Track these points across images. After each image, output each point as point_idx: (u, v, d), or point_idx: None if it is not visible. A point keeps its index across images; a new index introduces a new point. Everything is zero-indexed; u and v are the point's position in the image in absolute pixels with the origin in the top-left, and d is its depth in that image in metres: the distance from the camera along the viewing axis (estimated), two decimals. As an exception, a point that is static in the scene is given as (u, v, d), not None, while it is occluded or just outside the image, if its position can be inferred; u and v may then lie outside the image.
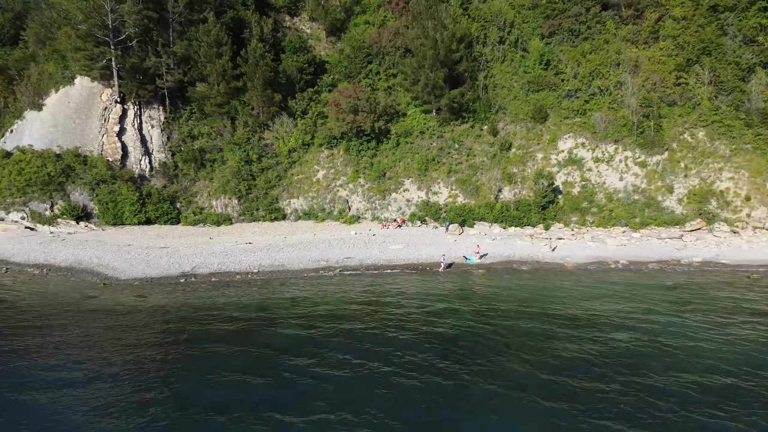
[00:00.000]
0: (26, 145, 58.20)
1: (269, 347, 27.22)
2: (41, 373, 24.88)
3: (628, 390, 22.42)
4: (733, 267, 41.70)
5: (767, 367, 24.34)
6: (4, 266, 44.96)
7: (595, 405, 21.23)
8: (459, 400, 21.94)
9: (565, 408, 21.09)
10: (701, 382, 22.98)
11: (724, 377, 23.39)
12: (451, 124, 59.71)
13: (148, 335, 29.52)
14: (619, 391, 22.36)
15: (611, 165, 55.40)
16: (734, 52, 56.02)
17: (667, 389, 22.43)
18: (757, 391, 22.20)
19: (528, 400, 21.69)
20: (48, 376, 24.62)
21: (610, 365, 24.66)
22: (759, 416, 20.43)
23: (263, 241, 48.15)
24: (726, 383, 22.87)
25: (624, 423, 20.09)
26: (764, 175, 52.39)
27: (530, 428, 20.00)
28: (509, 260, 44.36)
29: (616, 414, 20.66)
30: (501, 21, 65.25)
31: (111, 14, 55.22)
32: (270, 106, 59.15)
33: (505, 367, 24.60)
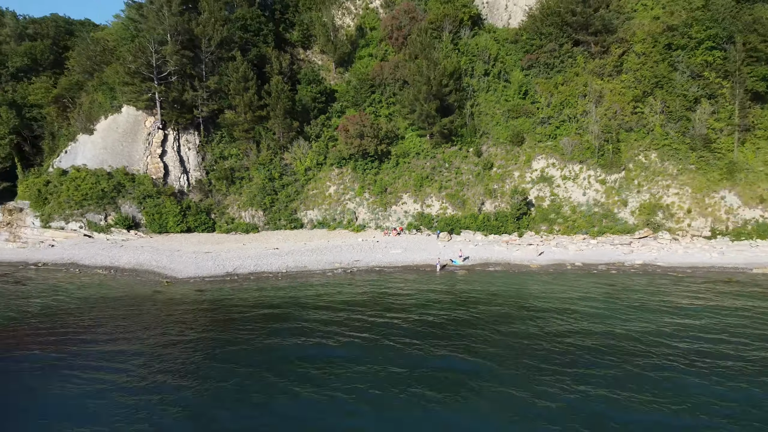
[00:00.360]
0: (80, 164, 68.67)
1: (304, 324, 37.63)
2: (142, 342, 35.23)
3: (554, 347, 32.65)
4: (665, 268, 52.19)
5: (649, 335, 34.51)
6: (76, 268, 55.44)
7: (533, 356, 31.43)
8: (437, 356, 32.23)
9: (514, 360, 31.35)
10: (603, 342, 33.19)
11: (619, 341, 33.60)
12: (442, 147, 70.24)
13: (213, 317, 39.97)
14: (548, 349, 32.61)
15: (576, 182, 65.93)
16: (682, 86, 66.55)
17: (583, 346, 32.60)
18: (631, 349, 32.32)
19: (488, 357, 31.94)
20: (146, 343, 34.96)
21: (545, 333, 34.96)
22: (623, 361, 30.50)
23: (287, 247, 58.62)
24: (619, 344, 33.02)
25: (548, 362, 30.30)
26: (704, 191, 62.95)
27: (492, 371, 30.17)
28: (486, 262, 54.87)
29: (546, 359, 30.80)
30: (486, 55, 75.83)
31: (155, 55, 65.64)
32: (289, 131, 69.67)
33: (471, 334, 34.92)
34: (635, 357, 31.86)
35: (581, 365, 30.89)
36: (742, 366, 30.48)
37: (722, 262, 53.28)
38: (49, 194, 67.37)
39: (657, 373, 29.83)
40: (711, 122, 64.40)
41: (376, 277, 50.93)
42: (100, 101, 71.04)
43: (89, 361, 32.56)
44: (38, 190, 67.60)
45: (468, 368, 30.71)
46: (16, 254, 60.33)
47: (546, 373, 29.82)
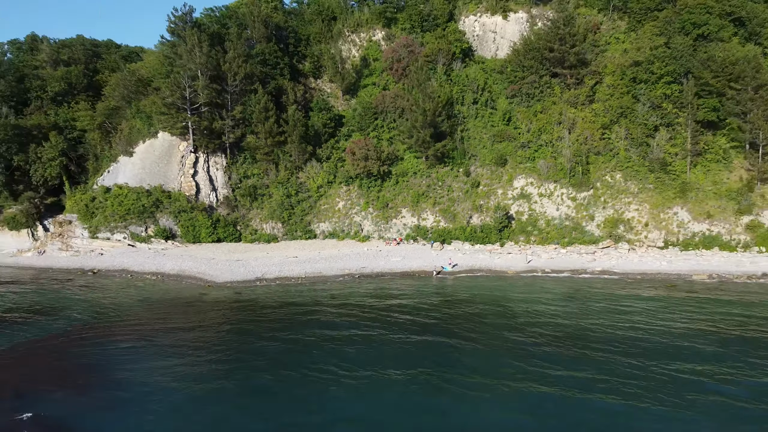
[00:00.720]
0: (122, 182, 79.33)
1: (325, 318, 48.20)
2: (203, 331, 45.78)
3: (519, 335, 43.11)
4: (620, 274, 62.77)
5: (591, 325, 44.92)
6: (128, 274, 66.11)
7: (504, 341, 41.85)
8: (431, 346, 42.71)
9: (491, 346, 41.84)
10: (557, 330, 43.56)
11: (569, 329, 43.95)
12: (436, 167, 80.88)
13: (252, 314, 50.55)
14: (513, 338, 43.10)
15: (551, 199, 76.60)
16: (644, 115, 77.20)
17: (541, 333, 42.92)
18: (577, 334, 42.66)
19: (466, 339, 42.42)
20: (205, 333, 45.47)
21: (512, 325, 45.43)
22: (570, 344, 40.82)
23: (304, 256, 69.27)
24: (568, 332, 43.36)
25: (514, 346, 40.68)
26: (660, 207, 73.58)
27: (469, 350, 40.51)
28: (472, 269, 65.50)
29: (512, 343, 41.16)
30: (475, 86, 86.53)
31: (188, 89, 76.28)
32: (303, 154, 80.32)
33: (457, 326, 45.45)
34: (579, 340, 42.38)
35: (538, 346, 41.41)
36: (654, 347, 40.95)
37: (669, 270, 63.86)
38: (95, 209, 77.98)
39: (592, 352, 40.31)
40: (667, 148, 75.06)
41: (379, 282, 61.57)
42: (138, 127, 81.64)
43: (164, 346, 43.16)
44: (86, 205, 78.20)
45: (450, 346, 41.33)
46: (71, 262, 71.02)
47: (512, 353, 40.37)
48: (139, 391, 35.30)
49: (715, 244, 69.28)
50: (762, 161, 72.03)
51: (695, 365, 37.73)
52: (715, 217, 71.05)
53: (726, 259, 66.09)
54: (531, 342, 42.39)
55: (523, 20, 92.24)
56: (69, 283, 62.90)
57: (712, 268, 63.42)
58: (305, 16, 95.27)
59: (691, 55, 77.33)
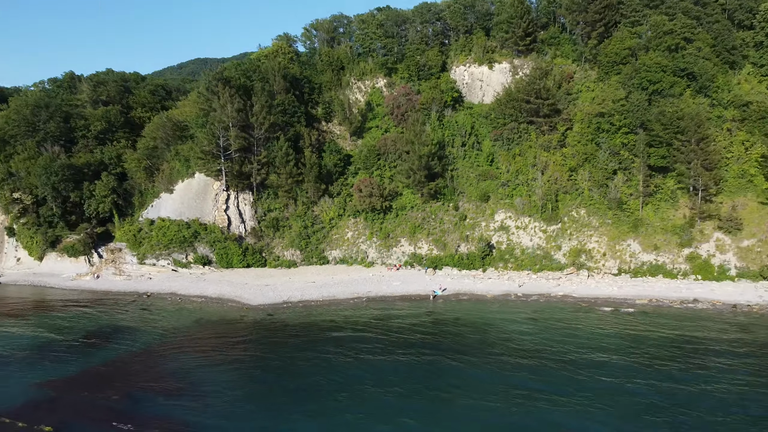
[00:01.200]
0: (164, 216, 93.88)
1: (344, 334, 62.82)
2: (251, 346, 60.28)
3: (492, 348, 57.65)
4: (576, 299, 77.46)
5: (545, 339, 59.43)
6: (177, 297, 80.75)
7: (479, 352, 56.37)
8: (423, 358, 57.25)
9: (467, 353, 56.36)
10: (519, 344, 58.05)
11: (529, 344, 58.43)
12: (430, 203, 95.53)
13: (283, 333, 65.16)
14: (488, 350, 57.67)
15: (526, 231, 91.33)
16: (604, 161, 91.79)
17: (507, 346, 57.41)
18: (535, 348, 57.17)
19: (454, 357, 56.96)
20: (252, 348, 59.97)
21: (487, 341, 59.97)
22: (528, 354, 55.40)
23: (320, 281, 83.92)
24: (528, 346, 57.87)
25: (487, 355, 55.21)
26: (616, 240, 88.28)
27: (452, 356, 55.03)
28: (458, 293, 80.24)
29: (486, 353, 55.69)
30: (463, 131, 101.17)
31: (222, 138, 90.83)
32: (317, 191, 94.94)
33: (443, 343, 60.03)
34: (538, 352, 57.02)
35: (506, 355, 56.11)
36: (586, 359, 55.57)
37: (618, 294, 78.59)
38: (142, 238, 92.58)
39: (543, 362, 54.95)
40: (623, 189, 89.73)
41: (383, 304, 76.32)
42: (178, 168, 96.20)
43: (221, 358, 57.81)
44: (134, 235, 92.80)
45: (437, 357, 56.11)
46: (126, 285, 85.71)
47: (487, 360, 55.06)
48: (213, 392, 50.02)
49: (659, 272, 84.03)
50: (701, 202, 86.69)
51: (611, 370, 52.49)
52: (661, 248, 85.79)
53: (667, 285, 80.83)
54: (497, 352, 57.16)
55: (506, 70, 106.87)
56: (133, 305, 77.58)
57: (653, 294, 78.19)
58: (317, 66, 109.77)
59: (646, 110, 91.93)
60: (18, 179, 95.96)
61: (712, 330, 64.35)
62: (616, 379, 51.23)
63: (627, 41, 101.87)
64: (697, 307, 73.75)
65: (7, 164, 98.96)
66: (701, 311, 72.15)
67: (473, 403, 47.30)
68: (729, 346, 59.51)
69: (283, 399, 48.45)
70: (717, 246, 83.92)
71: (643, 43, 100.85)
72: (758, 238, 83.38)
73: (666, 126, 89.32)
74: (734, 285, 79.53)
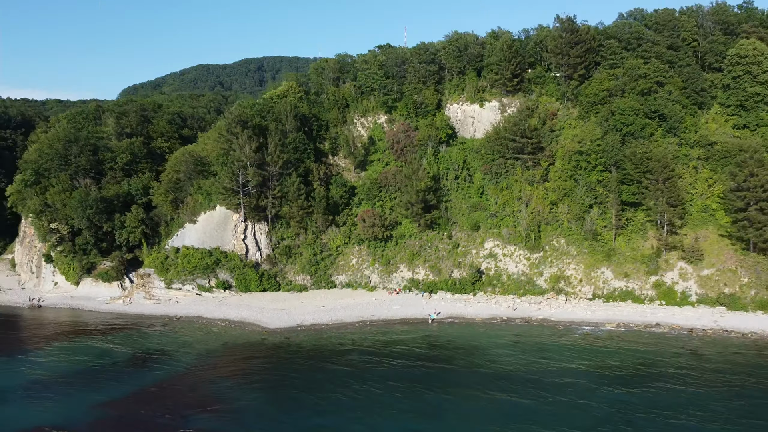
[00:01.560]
0: (189, 244, 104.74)
1: (348, 358, 73.72)
2: (269, 372, 71.14)
3: (480, 366, 68.53)
4: (554, 322, 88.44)
5: (524, 360, 70.32)
6: (203, 320, 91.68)
7: (468, 370, 67.24)
8: (419, 376, 68.14)
9: (456, 382, 67.24)
10: (504, 365, 68.95)
11: (511, 365, 69.35)
12: (426, 232, 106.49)
13: (299, 355, 76.05)
14: (476, 371, 68.57)
15: (511, 258, 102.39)
16: (581, 196, 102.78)
17: (493, 365, 68.28)
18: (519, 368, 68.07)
19: (447, 375, 67.83)
20: (275, 368, 70.86)
21: (475, 360, 70.86)
22: (510, 371, 66.17)
23: (329, 305, 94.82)
24: (512, 366, 68.75)
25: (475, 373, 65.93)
26: (591, 267, 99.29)
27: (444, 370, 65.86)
28: (451, 316, 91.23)
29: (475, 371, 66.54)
30: (456, 165, 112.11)
31: (241, 175, 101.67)
32: (326, 222, 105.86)
33: (436, 363, 70.96)
34: (515, 372, 67.97)
35: (489, 376, 67.03)
36: (556, 379, 66.54)
37: (591, 318, 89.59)
38: (169, 265, 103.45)
39: (517, 383, 65.86)
40: (598, 221, 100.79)
41: (385, 327, 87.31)
42: (200, 201, 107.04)
43: (250, 379, 68.71)
44: (161, 261, 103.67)
45: (432, 375, 67.14)
46: (157, 309, 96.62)
47: (473, 380, 65.99)
48: (248, 408, 61.07)
49: (629, 298, 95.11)
50: (667, 235, 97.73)
51: (572, 390, 63.48)
52: (631, 276, 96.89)
53: (634, 310, 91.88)
54: (483, 372, 68.23)
55: (496, 108, 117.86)
56: (166, 328, 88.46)
57: (622, 318, 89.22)
58: (324, 104, 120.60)
59: (619, 150, 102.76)
60: (54, 210, 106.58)
61: (667, 355, 75.33)
62: (576, 399, 62.21)
63: (605, 83, 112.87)
64: (658, 331, 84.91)
65: (43, 196, 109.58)
66: (661, 335, 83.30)
67: (460, 415, 58.41)
68: (678, 370, 70.39)
69: (309, 412, 59.40)
70: (680, 274, 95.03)
71: (619, 85, 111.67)
72: (717, 267, 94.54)
73: (636, 165, 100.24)
74: (693, 310, 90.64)
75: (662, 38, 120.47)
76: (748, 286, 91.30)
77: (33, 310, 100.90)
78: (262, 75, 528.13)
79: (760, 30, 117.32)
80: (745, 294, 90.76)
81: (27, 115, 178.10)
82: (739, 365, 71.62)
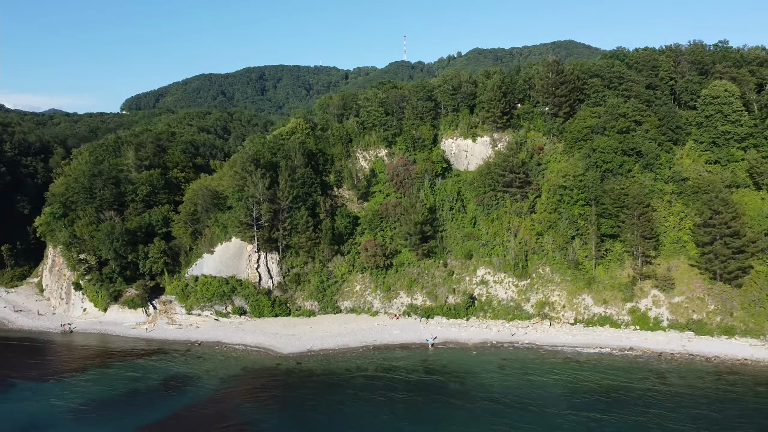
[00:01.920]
0: (207, 273, 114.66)
1: (357, 382, 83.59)
2: (289, 396, 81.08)
3: (469, 387, 78.42)
4: (538, 346, 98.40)
5: (511, 385, 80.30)
6: (223, 345, 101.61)
7: (458, 391, 77.16)
8: (419, 402, 77.98)
9: (453, 399, 77.14)
10: (493, 387, 78.82)
11: (498, 388, 79.24)
12: (424, 260, 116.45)
13: (311, 379, 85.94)
14: (466, 395, 78.47)
15: (501, 285, 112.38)
16: (564, 228, 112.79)
17: (482, 387, 78.15)
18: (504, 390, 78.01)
19: (441, 399, 77.73)
20: (293, 393, 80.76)
21: (465, 386, 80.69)
22: (497, 393, 76.08)
23: (335, 330, 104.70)
24: (497, 388, 78.66)
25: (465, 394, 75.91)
26: (573, 294, 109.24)
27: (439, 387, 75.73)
28: (446, 341, 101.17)
29: (465, 392, 76.56)
30: (451, 198, 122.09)
31: (254, 211, 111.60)
32: (331, 251, 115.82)
33: (433, 382, 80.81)
34: (501, 396, 77.88)
35: (478, 398, 76.95)
36: (536, 400, 76.47)
37: (572, 342, 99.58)
38: (189, 292, 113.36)
39: (501, 405, 75.79)
40: (580, 252, 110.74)
41: (386, 352, 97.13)
42: (217, 233, 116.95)
43: (273, 403, 78.63)
44: (182, 289, 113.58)
45: (427, 397, 77.04)
46: (179, 334, 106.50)
47: (464, 403, 75.96)
48: (272, 429, 71.03)
49: (607, 323, 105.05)
50: (642, 265, 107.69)
51: (548, 413, 73.36)
52: (609, 302, 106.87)
53: (611, 334, 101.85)
54: (472, 396, 78.18)
55: (487, 143, 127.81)
56: (189, 354, 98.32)
57: (600, 342, 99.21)
58: (330, 140, 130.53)
59: (599, 186, 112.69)
60: (82, 242, 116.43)
61: (636, 380, 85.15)
62: (553, 419, 72.23)
63: (588, 120, 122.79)
64: (631, 355, 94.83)
65: (71, 228, 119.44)
66: (633, 359, 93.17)
67: None
68: (644, 392, 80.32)
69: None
70: (653, 301, 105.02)
71: (601, 123, 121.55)
72: (686, 295, 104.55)
73: (614, 201, 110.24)
74: (664, 335, 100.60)
75: (642, 78, 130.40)
76: (714, 312, 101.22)
77: (65, 336, 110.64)
78: (263, 84, 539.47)
79: (732, 70, 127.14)
80: (711, 320, 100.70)
81: (44, 140, 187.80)
82: (697, 389, 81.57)
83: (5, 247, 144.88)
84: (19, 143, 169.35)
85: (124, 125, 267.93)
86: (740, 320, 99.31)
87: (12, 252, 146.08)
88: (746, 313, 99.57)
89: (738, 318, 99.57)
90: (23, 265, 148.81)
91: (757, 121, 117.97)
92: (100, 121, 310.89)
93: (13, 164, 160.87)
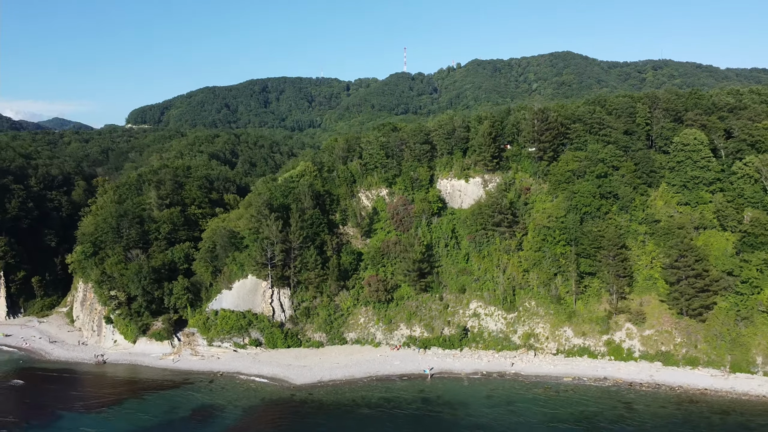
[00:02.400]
0: (225, 308, 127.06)
1: (362, 411, 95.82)
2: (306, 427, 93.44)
3: (455, 414, 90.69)
4: (524, 376, 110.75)
5: (496, 412, 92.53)
6: (242, 375, 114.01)
7: (450, 420, 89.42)
8: (417, 428, 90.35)
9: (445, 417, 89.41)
10: (481, 416, 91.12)
11: (487, 416, 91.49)
12: (421, 294, 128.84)
13: (324, 411, 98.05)
14: (458, 424, 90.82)
15: (492, 318, 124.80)
16: (547, 266, 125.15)
17: (471, 414, 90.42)
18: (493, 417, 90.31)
19: (440, 426, 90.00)
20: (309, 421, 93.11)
21: (457, 417, 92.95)
22: (489, 421, 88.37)
23: (342, 361, 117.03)
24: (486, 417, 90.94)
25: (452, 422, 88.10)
26: (556, 326, 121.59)
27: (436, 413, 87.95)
28: (441, 371, 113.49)
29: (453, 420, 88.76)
30: (446, 235, 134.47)
31: (269, 251, 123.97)
32: (338, 286, 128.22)
33: (429, 412, 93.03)
34: (492, 424, 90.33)
35: (470, 422, 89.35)
36: None
37: (554, 372, 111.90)
38: (210, 325, 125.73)
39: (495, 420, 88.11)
40: (561, 288, 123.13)
41: (388, 383, 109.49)
42: (234, 271, 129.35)
43: None
44: (203, 322, 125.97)
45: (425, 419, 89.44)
46: (202, 365, 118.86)
47: (457, 427, 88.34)
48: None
49: (585, 353, 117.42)
50: (617, 300, 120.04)
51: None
52: (588, 335, 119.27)
53: (589, 364, 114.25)
54: (462, 425, 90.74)
55: (479, 183, 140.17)
56: (212, 384, 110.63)
57: (578, 372, 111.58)
58: (336, 181, 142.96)
59: (578, 228, 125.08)
60: (112, 280, 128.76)
61: (606, 409, 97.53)
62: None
63: (570, 164, 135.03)
64: (604, 384, 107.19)
65: (102, 266, 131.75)
66: (606, 390, 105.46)
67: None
68: (612, 423, 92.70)
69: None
70: (627, 334, 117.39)
71: (582, 167, 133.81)
72: (656, 328, 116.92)
73: (592, 242, 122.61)
74: (636, 365, 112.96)
75: (620, 123, 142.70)
76: (681, 345, 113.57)
77: (99, 366, 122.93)
78: (266, 96, 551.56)
79: (702, 118, 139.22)
80: (677, 352, 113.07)
81: (65, 171, 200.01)
82: (659, 417, 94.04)
83: (35, 278, 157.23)
84: (43, 177, 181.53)
85: (135, 148, 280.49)
86: (703, 352, 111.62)
87: (42, 283, 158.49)
88: (709, 345, 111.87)
89: (701, 350, 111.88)
90: (52, 295, 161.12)
91: (724, 166, 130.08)
92: (110, 140, 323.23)
93: (39, 199, 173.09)
